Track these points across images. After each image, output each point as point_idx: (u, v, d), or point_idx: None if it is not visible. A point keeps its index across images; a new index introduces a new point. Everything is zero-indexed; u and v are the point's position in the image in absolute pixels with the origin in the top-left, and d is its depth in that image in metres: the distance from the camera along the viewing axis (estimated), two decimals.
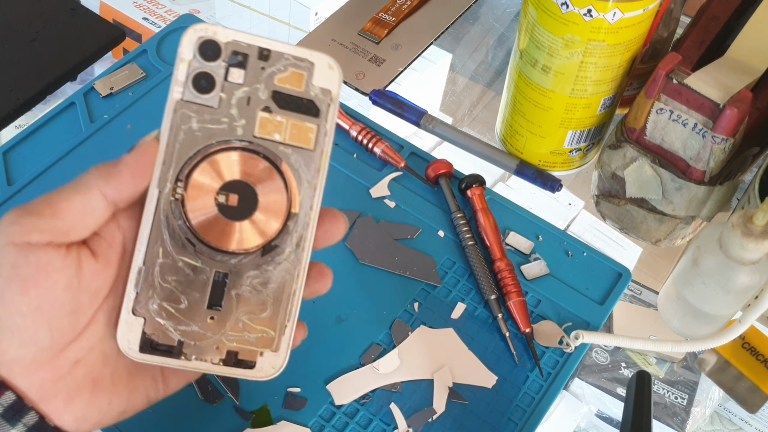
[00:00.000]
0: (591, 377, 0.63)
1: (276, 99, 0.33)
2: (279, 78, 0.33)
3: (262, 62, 0.33)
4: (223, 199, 0.33)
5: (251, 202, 0.33)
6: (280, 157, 0.33)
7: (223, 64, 0.33)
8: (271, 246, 0.34)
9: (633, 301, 0.66)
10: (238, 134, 0.33)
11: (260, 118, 0.33)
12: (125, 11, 0.78)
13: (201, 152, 0.33)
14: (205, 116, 0.33)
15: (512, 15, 0.79)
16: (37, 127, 0.58)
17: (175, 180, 0.33)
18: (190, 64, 0.33)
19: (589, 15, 0.46)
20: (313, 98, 0.33)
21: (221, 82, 0.33)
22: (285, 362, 0.34)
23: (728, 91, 0.47)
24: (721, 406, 0.64)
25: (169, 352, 0.33)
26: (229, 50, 0.33)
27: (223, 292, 0.33)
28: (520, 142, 0.57)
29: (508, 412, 0.46)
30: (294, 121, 0.33)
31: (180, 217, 0.33)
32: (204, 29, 0.32)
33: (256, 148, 0.33)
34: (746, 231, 0.41)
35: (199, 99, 0.33)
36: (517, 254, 0.53)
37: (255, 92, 0.33)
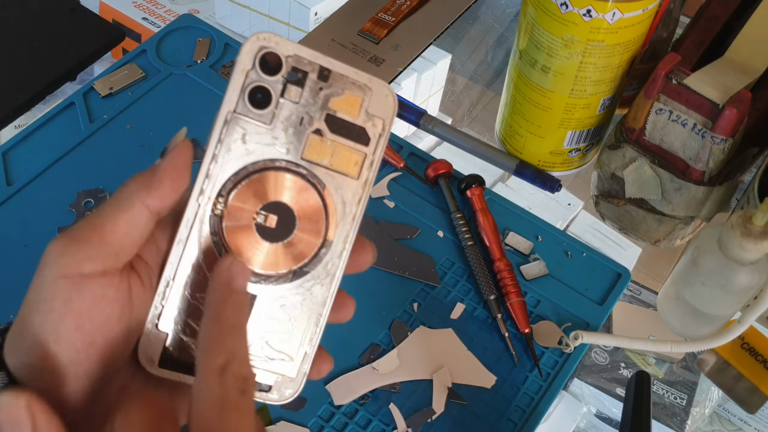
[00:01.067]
0: (590, 377, 0.63)
1: (329, 122, 0.32)
2: (335, 101, 0.32)
3: (321, 82, 0.32)
4: (261, 219, 0.32)
5: (289, 225, 0.33)
6: (324, 183, 0.33)
7: (282, 79, 0.32)
8: (303, 271, 0.33)
9: (632, 301, 0.66)
10: (286, 155, 0.32)
11: (310, 141, 0.32)
12: (125, 11, 0.78)
13: (246, 169, 0.32)
14: (255, 132, 0.32)
15: (512, 15, 0.79)
16: (37, 127, 0.58)
17: (217, 195, 0.32)
18: (248, 75, 0.31)
19: (589, 15, 0.46)
20: (365, 126, 0.33)
21: (277, 98, 0.32)
22: (299, 389, 0.34)
23: (727, 92, 0.47)
24: (720, 406, 0.64)
25: (188, 368, 0.32)
26: (289, 65, 0.32)
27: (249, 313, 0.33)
28: (520, 143, 0.57)
29: (508, 412, 0.46)
30: (343, 148, 0.33)
31: (217, 233, 0.32)
32: (266, 39, 0.31)
33: (302, 171, 0.32)
34: (745, 231, 0.41)
35: (252, 113, 0.32)
36: (516, 254, 0.53)
37: (309, 113, 0.32)
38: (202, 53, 0.63)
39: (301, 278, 0.33)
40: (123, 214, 0.30)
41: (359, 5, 0.69)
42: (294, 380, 0.33)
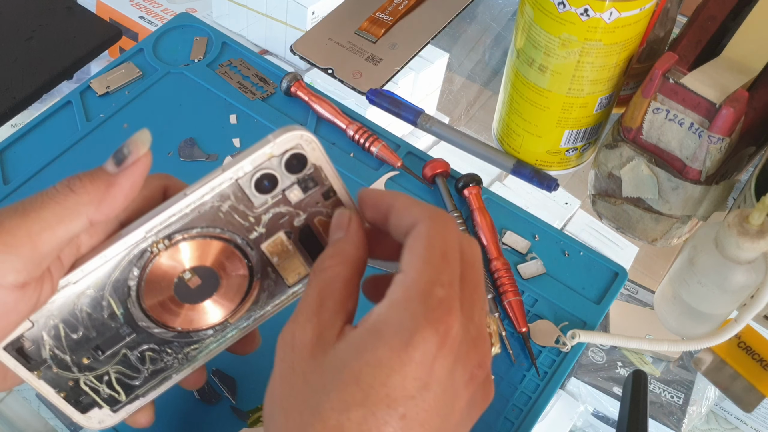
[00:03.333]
0: (587, 376, 0.63)
1: (302, 232, 0.33)
2: (320, 219, 0.33)
3: (321, 199, 0.33)
4: (187, 276, 0.33)
5: (207, 292, 0.34)
6: (262, 276, 0.34)
7: (294, 179, 0.32)
8: (188, 335, 0.35)
9: (629, 300, 0.66)
10: (249, 237, 0.33)
11: (276, 238, 0.33)
12: (122, 10, 0.77)
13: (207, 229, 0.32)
14: (240, 207, 0.32)
15: (509, 14, 0.79)
16: (33, 126, 0.58)
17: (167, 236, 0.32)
18: (270, 159, 0.31)
19: (586, 14, 0.46)
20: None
21: (279, 191, 0.32)
22: (114, 425, 0.35)
23: (724, 91, 0.47)
24: (717, 405, 0.64)
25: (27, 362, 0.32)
26: (308, 172, 0.32)
27: (114, 345, 0.33)
28: (517, 142, 0.57)
29: (505, 411, 0.46)
30: (297, 257, 0.34)
31: (139, 267, 0.32)
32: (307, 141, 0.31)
33: (251, 255, 0.33)
34: (742, 230, 0.41)
35: (250, 192, 0.32)
36: (513, 253, 0.53)
37: (293, 216, 0.33)
38: (200, 52, 0.62)
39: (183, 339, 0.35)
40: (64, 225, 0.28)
41: (357, 4, 0.69)
42: (112, 415, 0.35)
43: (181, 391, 0.45)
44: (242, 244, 0.33)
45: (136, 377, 0.35)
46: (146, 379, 0.35)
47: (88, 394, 0.34)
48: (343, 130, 0.58)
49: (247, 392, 0.46)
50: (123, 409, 0.35)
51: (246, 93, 0.61)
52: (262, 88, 0.61)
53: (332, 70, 0.63)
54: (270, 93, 0.61)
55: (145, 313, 0.33)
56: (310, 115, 0.60)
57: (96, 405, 0.34)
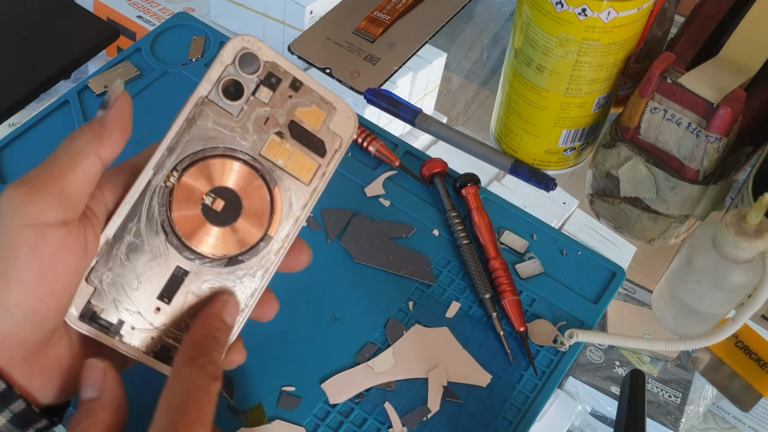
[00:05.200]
0: (585, 376, 0.64)
1: (291, 128, 0.35)
2: (301, 111, 0.35)
3: (291, 91, 0.34)
4: (209, 201, 0.34)
5: (234, 212, 0.34)
6: (276, 181, 0.35)
7: (256, 79, 0.34)
8: (237, 259, 0.35)
9: (627, 299, 0.66)
10: (245, 147, 0.34)
11: (271, 140, 0.34)
12: (119, 9, 0.77)
13: (205, 151, 0.34)
14: (222, 120, 0.34)
15: (507, 14, 0.79)
16: (31, 126, 0.57)
17: (172, 168, 0.33)
18: (226, 68, 0.34)
19: (584, 14, 0.46)
20: (324, 139, 0.35)
21: (248, 95, 0.34)
22: None
23: (722, 91, 0.47)
24: (714, 404, 0.64)
25: (106, 328, 0.33)
26: (266, 69, 0.34)
27: (177, 288, 0.34)
28: (515, 141, 0.57)
29: (503, 410, 0.46)
30: (299, 154, 0.35)
31: (164, 204, 0.33)
32: (251, 42, 0.34)
33: (257, 165, 0.34)
34: (740, 230, 0.41)
35: (223, 103, 0.34)
36: (511, 253, 0.53)
37: (275, 115, 0.34)
38: (197, 51, 0.62)
39: (235, 265, 0.35)
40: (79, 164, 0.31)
41: (354, 4, 0.69)
42: None
43: None
44: (242, 154, 0.34)
45: None
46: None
47: (173, 347, 0.34)
48: None
49: (244, 391, 0.46)
50: None
51: None
52: None
53: (330, 69, 0.63)
54: None
55: (188, 247, 0.34)
56: None
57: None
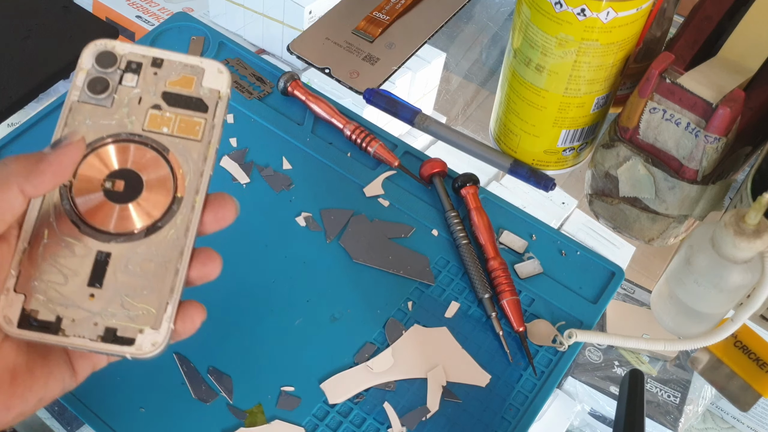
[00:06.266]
0: (584, 376, 0.63)
1: (166, 98, 0.37)
2: (170, 81, 0.37)
3: (155, 69, 0.37)
4: (109, 185, 0.36)
5: (137, 187, 0.36)
6: (168, 147, 0.37)
7: (119, 71, 0.37)
8: (156, 227, 0.36)
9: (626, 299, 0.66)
10: (128, 129, 0.37)
11: (150, 115, 0.37)
12: (118, 9, 0.77)
13: (92, 144, 0.36)
14: (99, 114, 0.36)
15: (506, 14, 0.79)
16: (30, 126, 0.57)
17: None
18: (88, 72, 0.37)
19: (583, 14, 0.46)
20: (201, 96, 0.37)
21: (115, 85, 0.37)
22: (166, 340, 0.35)
23: (721, 91, 0.47)
24: (713, 404, 0.64)
25: (47, 328, 0.34)
26: (125, 60, 0.37)
27: (104, 271, 0.35)
28: (514, 141, 0.57)
29: (502, 410, 0.46)
30: (183, 117, 0.37)
31: (68, 200, 0.35)
32: (104, 44, 0.37)
33: (144, 139, 0.37)
34: (738, 230, 0.41)
35: (94, 100, 0.37)
36: (510, 253, 0.53)
37: (147, 93, 0.37)
38: (196, 51, 0.62)
39: (154, 233, 0.36)
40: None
41: (354, 4, 0.69)
42: (158, 332, 0.35)
43: (177, 391, 0.46)
44: (126, 135, 0.37)
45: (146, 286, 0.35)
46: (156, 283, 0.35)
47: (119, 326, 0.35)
48: (340, 129, 0.58)
49: (243, 391, 0.46)
50: (162, 320, 0.35)
51: (243, 92, 0.61)
52: (259, 87, 0.61)
53: (329, 69, 0.63)
54: (267, 92, 0.61)
55: (101, 231, 0.35)
56: (308, 114, 0.60)
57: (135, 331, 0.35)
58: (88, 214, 0.35)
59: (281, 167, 0.57)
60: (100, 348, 0.34)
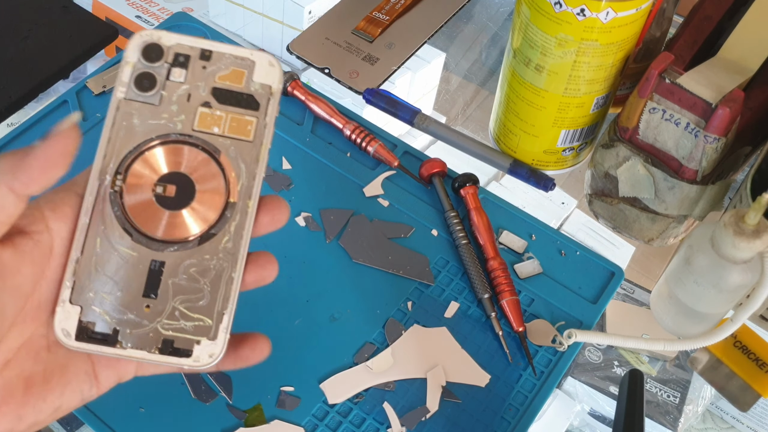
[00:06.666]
0: (584, 376, 0.64)
1: (216, 95, 0.35)
2: (220, 76, 0.35)
3: (203, 62, 0.35)
4: (160, 190, 0.34)
5: (189, 192, 0.35)
6: (219, 149, 0.35)
7: (166, 65, 0.35)
8: (209, 234, 0.35)
9: (626, 299, 0.66)
10: (178, 129, 0.35)
11: (200, 113, 0.35)
12: (118, 9, 0.77)
13: (140, 146, 0.34)
14: (146, 113, 0.35)
15: (506, 14, 0.79)
16: (29, 126, 0.57)
17: (114, 173, 0.34)
18: (134, 67, 0.35)
19: (582, 14, 0.46)
20: (252, 93, 0.35)
21: (163, 81, 0.35)
22: (223, 351, 0.34)
23: (720, 91, 0.47)
24: (713, 404, 0.64)
25: (104, 340, 0.33)
26: (172, 53, 0.35)
27: (159, 281, 0.34)
28: (514, 141, 0.57)
29: (501, 410, 0.46)
30: (233, 115, 0.35)
31: (119, 208, 0.34)
32: (149, 35, 0.35)
33: (195, 141, 0.35)
34: (738, 230, 0.41)
35: (141, 97, 0.35)
36: (510, 253, 0.53)
37: (196, 89, 0.35)
38: None
39: (208, 241, 0.35)
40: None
41: (353, 4, 0.69)
42: (215, 343, 0.34)
43: (177, 391, 0.45)
44: (176, 136, 0.35)
45: (201, 296, 0.34)
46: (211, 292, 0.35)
47: (176, 337, 0.34)
48: (340, 129, 0.58)
49: (243, 391, 0.46)
50: (219, 331, 0.34)
51: None
52: None
53: (329, 69, 0.63)
54: None
55: (154, 239, 0.34)
56: (307, 114, 0.60)
57: (192, 343, 0.34)
58: (140, 222, 0.34)
59: (281, 167, 0.57)
60: (158, 360, 0.34)
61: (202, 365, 0.34)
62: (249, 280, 0.35)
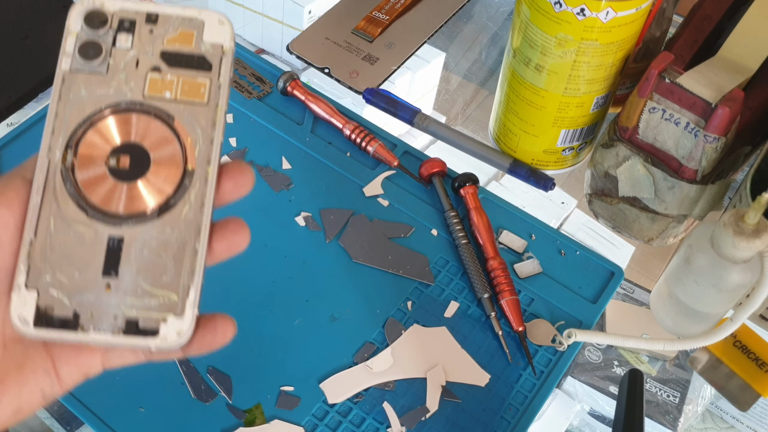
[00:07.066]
0: (584, 375, 0.64)
1: (165, 58, 0.34)
2: (168, 38, 0.34)
3: (150, 26, 0.34)
4: (114, 162, 0.33)
5: (144, 162, 0.33)
6: (173, 115, 0.33)
7: (111, 31, 0.33)
8: (168, 205, 0.33)
9: (625, 299, 0.66)
10: (128, 97, 0.33)
11: (149, 79, 0.33)
12: None
13: (90, 118, 0.33)
14: (94, 83, 0.33)
15: (506, 14, 0.79)
16: (29, 126, 0.57)
17: (65, 147, 0.32)
18: (78, 36, 0.33)
19: (582, 14, 0.46)
20: (204, 53, 0.34)
21: (108, 48, 0.33)
22: (191, 328, 0.32)
23: (720, 91, 0.47)
24: (712, 404, 0.64)
25: (65, 325, 0.31)
26: (116, 18, 0.33)
27: (118, 258, 0.32)
28: (514, 141, 0.57)
29: (501, 410, 0.46)
30: (185, 78, 0.34)
31: (71, 184, 0.32)
32: (91, 1, 0.33)
33: (146, 108, 0.33)
34: (738, 230, 0.41)
35: (87, 67, 0.33)
36: (510, 253, 0.53)
37: (144, 55, 0.33)
38: None
39: (168, 212, 0.33)
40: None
41: (353, 3, 0.69)
42: (182, 319, 0.32)
43: (177, 390, 0.46)
44: (126, 104, 0.33)
45: (165, 271, 0.32)
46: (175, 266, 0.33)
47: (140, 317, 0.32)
48: (340, 129, 0.58)
49: (243, 391, 0.46)
50: (186, 307, 0.32)
51: (242, 92, 0.61)
52: (258, 87, 0.61)
53: (329, 69, 0.63)
54: (266, 92, 0.61)
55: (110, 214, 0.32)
56: (307, 114, 0.60)
57: (158, 321, 0.32)
58: (94, 197, 0.32)
59: (281, 167, 0.57)
60: (123, 342, 0.32)
61: (170, 344, 0.32)
62: (219, 248, 0.33)
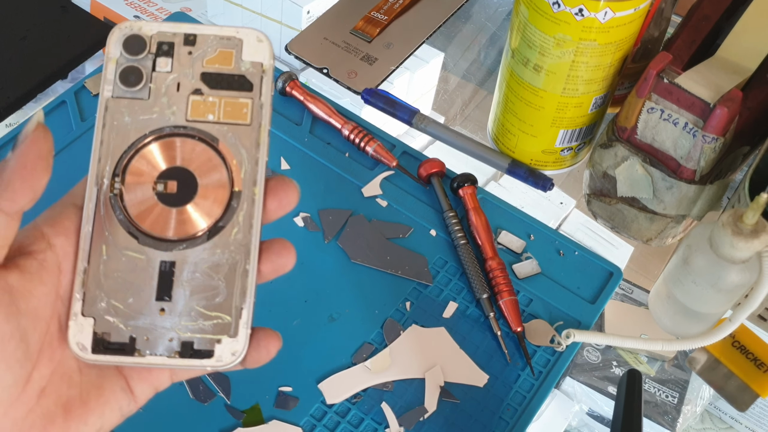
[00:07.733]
0: (582, 376, 0.63)
1: (206, 80, 0.34)
2: (207, 59, 0.34)
3: (188, 47, 0.33)
4: (161, 188, 0.33)
5: (191, 186, 0.33)
6: (217, 137, 0.33)
7: (150, 56, 0.33)
8: (218, 228, 0.33)
9: (624, 299, 0.66)
10: (171, 121, 0.33)
11: (191, 102, 0.33)
12: (116, 9, 0.77)
13: (135, 144, 0.33)
14: (137, 109, 0.33)
15: (504, 14, 0.79)
16: None
17: (112, 175, 0.33)
18: (118, 62, 0.33)
19: (581, 14, 0.46)
20: (244, 73, 0.34)
21: (149, 73, 0.33)
22: (245, 347, 0.33)
23: (719, 91, 0.47)
24: (711, 404, 0.64)
25: (122, 350, 0.32)
26: (154, 42, 0.33)
27: (171, 282, 0.33)
28: (512, 141, 0.57)
29: (500, 410, 0.46)
30: (227, 99, 0.34)
31: (120, 211, 0.33)
32: (129, 26, 0.33)
33: (190, 131, 0.33)
34: (736, 230, 0.41)
35: (129, 93, 0.33)
36: (508, 253, 0.53)
37: (184, 77, 0.33)
38: None
39: (217, 234, 0.33)
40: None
41: (352, 4, 0.69)
42: (236, 340, 0.32)
43: (175, 391, 0.45)
44: (170, 129, 0.33)
45: (217, 293, 0.33)
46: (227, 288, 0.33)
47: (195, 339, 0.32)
48: (339, 129, 0.58)
49: (241, 391, 0.46)
50: (239, 327, 0.32)
51: None
52: None
53: (327, 69, 0.63)
54: None
55: (160, 239, 0.33)
56: (306, 114, 0.60)
57: (212, 342, 0.32)
58: (144, 223, 0.33)
59: (279, 167, 0.57)
60: (179, 364, 0.32)
61: (226, 364, 0.32)
62: (266, 270, 0.33)
